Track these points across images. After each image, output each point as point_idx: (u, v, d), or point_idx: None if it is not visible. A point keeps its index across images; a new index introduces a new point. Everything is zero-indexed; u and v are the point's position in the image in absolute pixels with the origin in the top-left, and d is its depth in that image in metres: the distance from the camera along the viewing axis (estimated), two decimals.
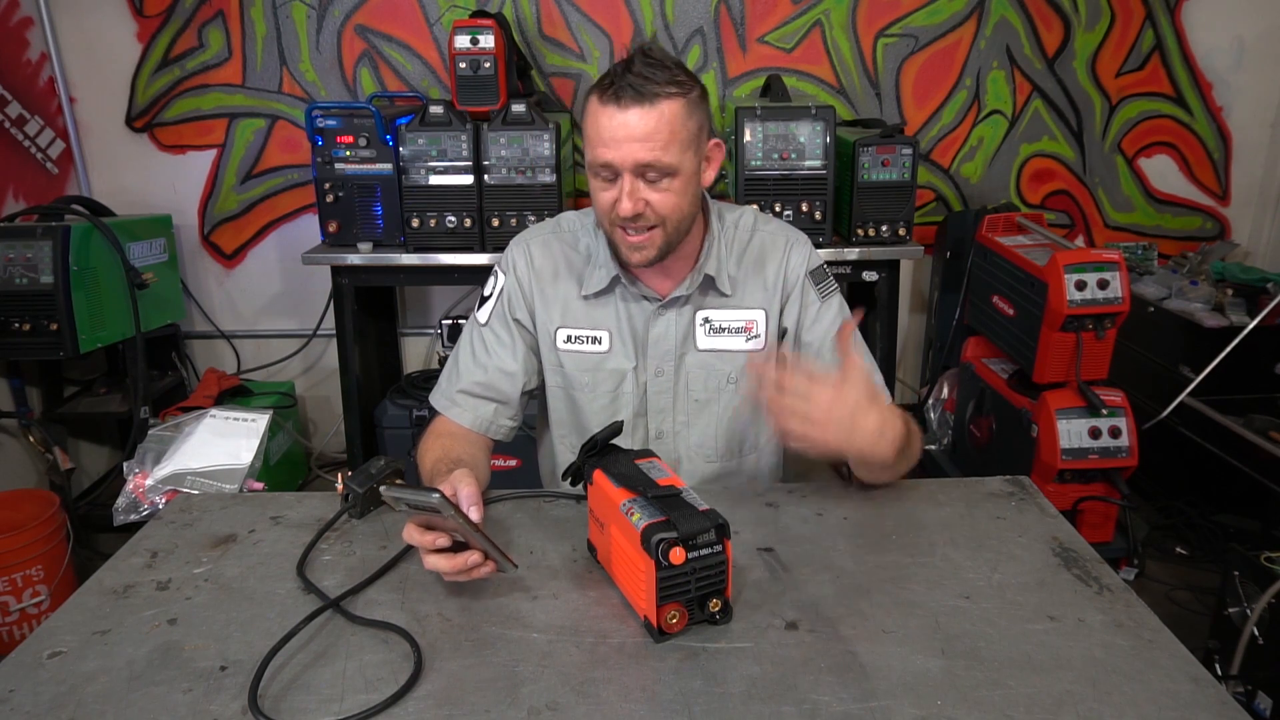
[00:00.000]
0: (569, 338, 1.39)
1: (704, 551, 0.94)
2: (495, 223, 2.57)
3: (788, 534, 1.18)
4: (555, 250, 1.40)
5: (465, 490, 1.06)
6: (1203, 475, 2.60)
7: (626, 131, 1.17)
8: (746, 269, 1.38)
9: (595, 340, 1.38)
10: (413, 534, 1.01)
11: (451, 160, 2.54)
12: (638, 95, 1.16)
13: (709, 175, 1.29)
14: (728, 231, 1.39)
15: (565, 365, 1.40)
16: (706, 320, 1.38)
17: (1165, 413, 2.58)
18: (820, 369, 1.35)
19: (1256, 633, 1.75)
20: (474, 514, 1.03)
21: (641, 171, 1.19)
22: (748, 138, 2.51)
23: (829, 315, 1.37)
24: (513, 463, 2.66)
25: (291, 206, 3.14)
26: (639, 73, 1.16)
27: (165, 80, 3.00)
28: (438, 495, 0.92)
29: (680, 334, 1.37)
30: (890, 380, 2.39)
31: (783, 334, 1.39)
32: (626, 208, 1.20)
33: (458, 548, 1.00)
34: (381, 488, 1.00)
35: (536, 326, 1.40)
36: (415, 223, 2.57)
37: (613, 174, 1.21)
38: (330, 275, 2.72)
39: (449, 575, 1.01)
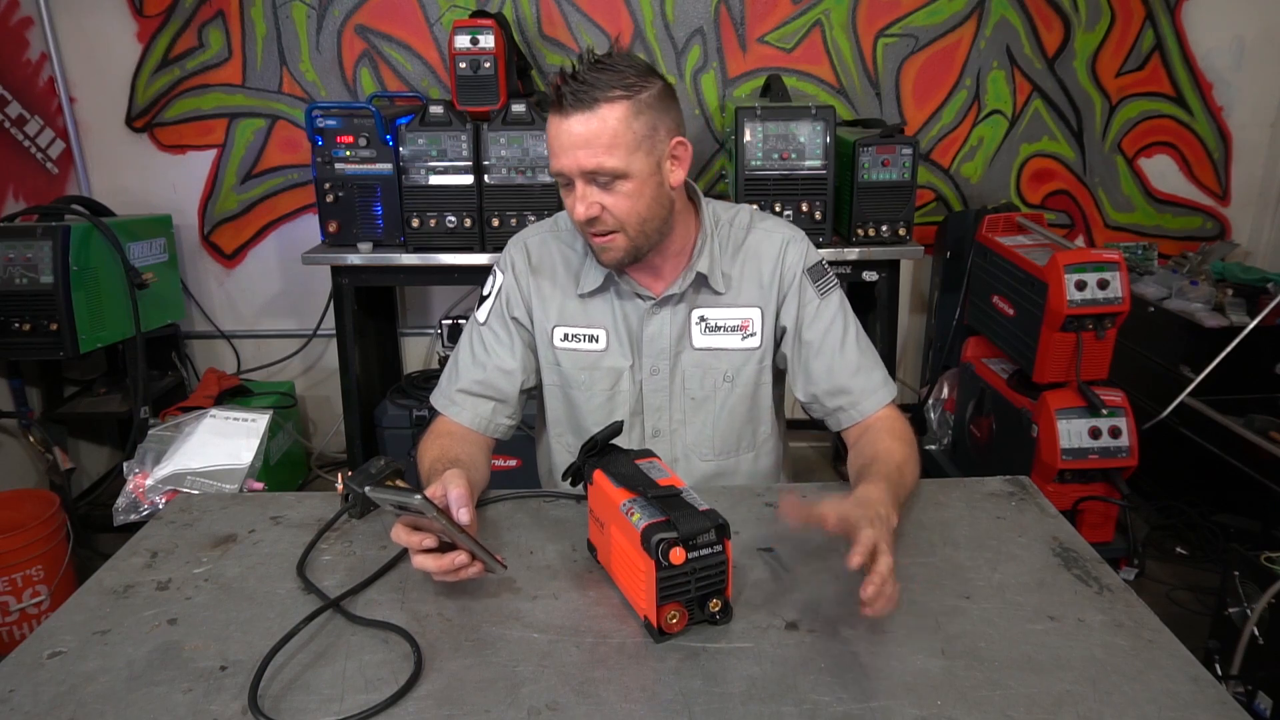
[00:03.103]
0: (565, 336, 1.39)
1: (704, 551, 0.94)
2: (495, 223, 2.57)
3: (788, 534, 1.18)
4: (552, 249, 1.41)
5: (455, 492, 1.06)
6: (1203, 475, 2.60)
7: (569, 139, 1.18)
8: (742, 267, 1.38)
9: (592, 339, 1.38)
10: (400, 534, 1.01)
11: (451, 160, 2.54)
12: (577, 101, 1.17)
13: (677, 175, 1.27)
14: (722, 229, 1.39)
15: (562, 363, 1.40)
16: (702, 319, 1.38)
17: (1165, 413, 2.58)
18: (820, 368, 1.36)
19: (1256, 633, 1.75)
20: (463, 515, 1.03)
21: (590, 177, 1.20)
22: (748, 138, 2.51)
23: (829, 312, 1.36)
24: (513, 463, 2.66)
25: (291, 206, 3.14)
26: (581, 78, 1.17)
27: (165, 80, 3.00)
28: (419, 498, 0.92)
29: (675, 332, 1.37)
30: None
31: (781, 333, 1.39)
32: (580, 212, 1.22)
33: (446, 548, 1.01)
34: (367, 488, 1.00)
35: (534, 325, 1.40)
36: (415, 223, 2.57)
37: (568, 180, 1.22)
38: (330, 275, 2.72)
39: (437, 575, 1.01)
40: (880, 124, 2.73)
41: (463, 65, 2.55)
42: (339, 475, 1.26)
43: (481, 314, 1.42)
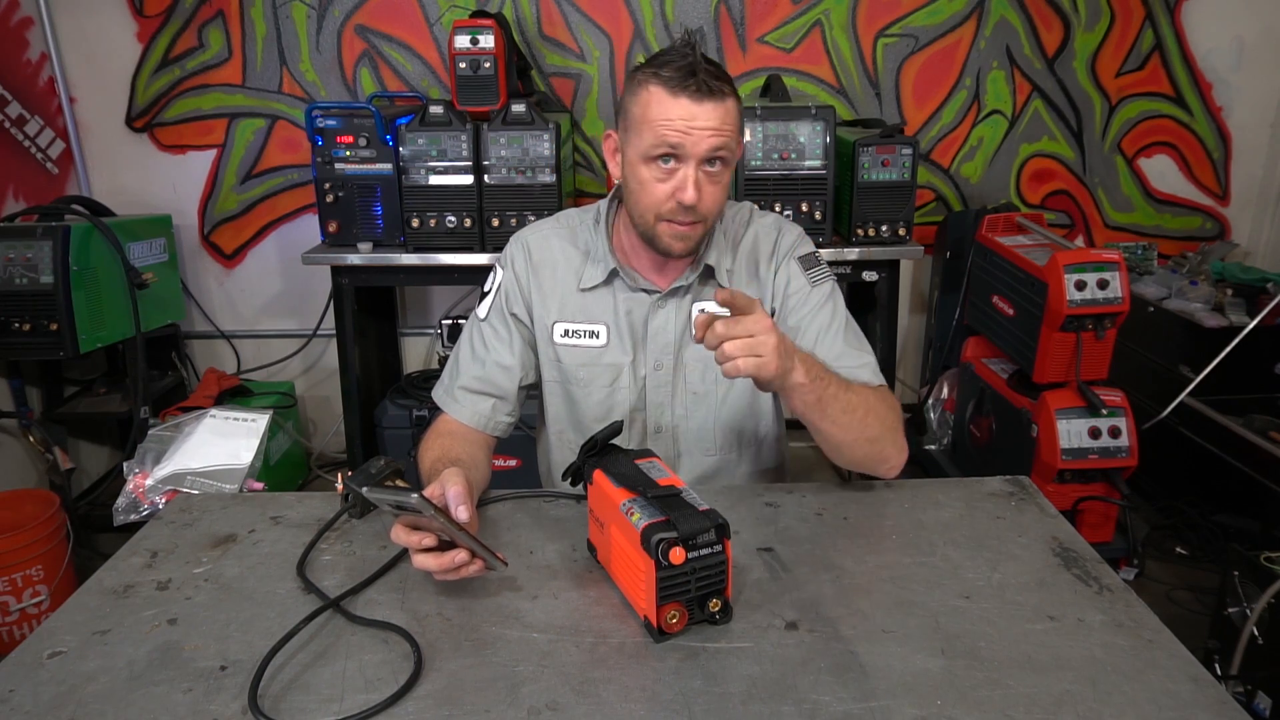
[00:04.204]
0: (566, 332, 1.39)
1: (704, 551, 0.94)
2: (495, 223, 2.57)
3: (788, 534, 1.18)
4: (554, 245, 1.41)
5: (453, 490, 1.06)
6: (1203, 475, 2.60)
7: (704, 121, 1.20)
8: (742, 261, 1.39)
9: (592, 334, 1.39)
10: (400, 534, 1.01)
11: (451, 160, 2.54)
12: (709, 90, 1.19)
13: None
14: (726, 225, 1.40)
15: (563, 359, 1.41)
16: (703, 312, 1.38)
17: (1165, 413, 2.58)
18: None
19: (1256, 633, 1.75)
20: (461, 513, 1.03)
21: (708, 159, 1.22)
22: (748, 138, 2.51)
23: (816, 299, 1.36)
24: (513, 463, 2.66)
25: (291, 206, 3.14)
26: (709, 70, 1.20)
27: (165, 80, 3.00)
28: (416, 496, 0.93)
29: (680, 326, 1.38)
30: (890, 380, 2.40)
31: (771, 315, 1.39)
32: (690, 195, 1.21)
33: (446, 547, 1.01)
34: (364, 489, 1.00)
35: (534, 321, 1.41)
36: (415, 223, 2.57)
37: (674, 159, 1.22)
38: (330, 275, 2.72)
39: (437, 574, 1.01)
40: (880, 124, 2.73)
41: (463, 65, 2.55)
42: (339, 475, 1.26)
43: (482, 310, 1.42)
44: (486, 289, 1.43)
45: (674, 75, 1.19)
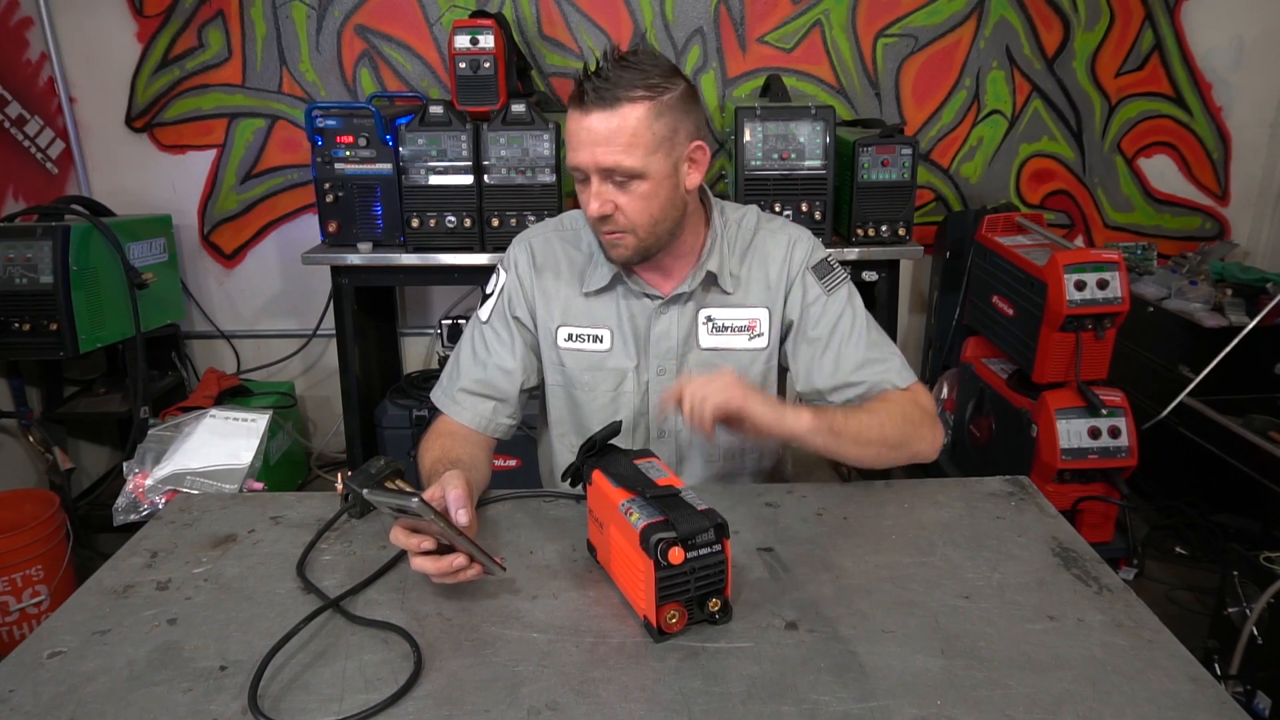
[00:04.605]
0: (570, 336, 1.39)
1: (703, 551, 0.94)
2: (495, 223, 2.57)
3: (788, 534, 1.18)
4: (557, 248, 1.41)
5: (453, 493, 1.06)
6: (1202, 475, 2.60)
7: (589, 135, 1.19)
8: (749, 267, 1.38)
9: (596, 339, 1.38)
10: (399, 536, 1.01)
11: (451, 160, 2.54)
12: (599, 99, 1.17)
13: (694, 178, 1.27)
14: (730, 230, 1.39)
15: (566, 364, 1.40)
16: (709, 319, 1.38)
17: (1165, 413, 2.58)
18: (828, 363, 1.36)
19: (1256, 633, 1.75)
20: (462, 516, 1.04)
21: (607, 174, 1.21)
22: (747, 138, 2.51)
23: (835, 308, 1.36)
24: (513, 463, 2.66)
25: (291, 206, 3.14)
26: (605, 76, 1.17)
27: (165, 80, 3.00)
28: (416, 500, 0.92)
29: (682, 332, 1.37)
30: None
31: (788, 328, 1.39)
32: (593, 208, 1.23)
33: (445, 550, 1.01)
34: (364, 491, 1.00)
35: (537, 325, 1.40)
36: (415, 223, 2.57)
37: (584, 175, 1.23)
38: (330, 275, 2.72)
39: (435, 577, 1.01)
40: (880, 124, 2.73)
41: (463, 65, 2.55)
42: (339, 475, 1.26)
43: (484, 312, 1.42)
44: (489, 291, 1.42)
45: (575, 89, 1.20)
